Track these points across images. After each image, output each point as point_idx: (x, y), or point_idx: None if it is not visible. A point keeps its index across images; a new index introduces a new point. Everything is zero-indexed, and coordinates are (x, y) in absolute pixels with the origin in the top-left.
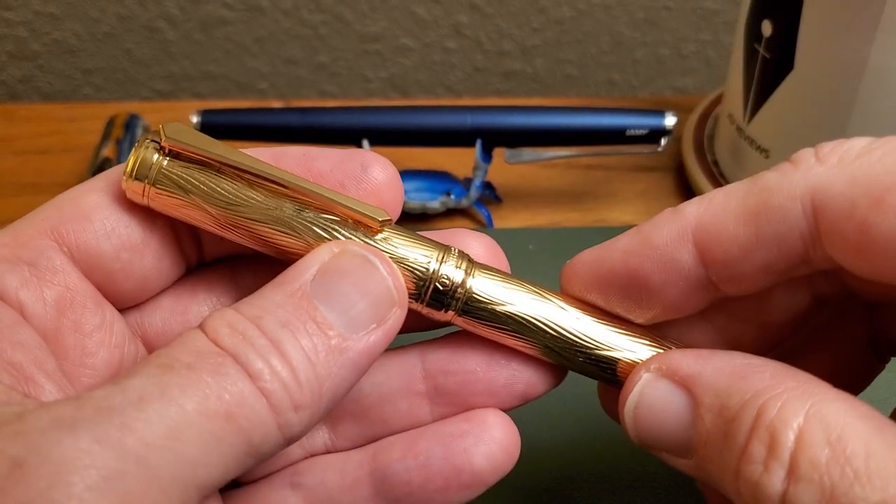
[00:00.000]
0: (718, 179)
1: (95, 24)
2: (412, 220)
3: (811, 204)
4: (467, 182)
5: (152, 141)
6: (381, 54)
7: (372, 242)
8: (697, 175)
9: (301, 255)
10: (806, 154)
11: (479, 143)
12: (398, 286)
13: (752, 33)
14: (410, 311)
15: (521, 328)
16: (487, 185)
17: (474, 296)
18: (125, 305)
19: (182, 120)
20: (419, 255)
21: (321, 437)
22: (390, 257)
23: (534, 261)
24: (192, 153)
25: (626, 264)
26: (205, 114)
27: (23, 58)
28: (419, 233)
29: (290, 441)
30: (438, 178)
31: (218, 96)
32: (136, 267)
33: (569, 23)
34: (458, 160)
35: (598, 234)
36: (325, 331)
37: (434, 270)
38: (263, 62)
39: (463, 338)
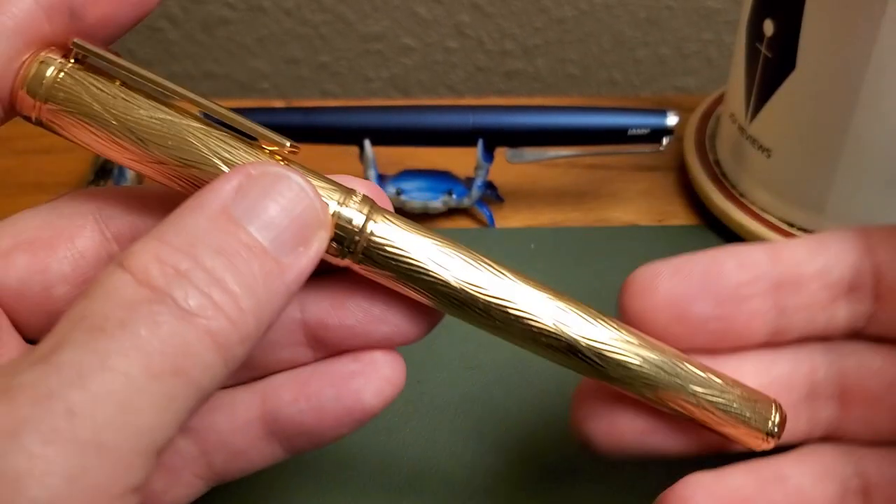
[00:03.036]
0: (720, 179)
1: None
2: (414, 220)
3: None
4: (469, 181)
5: (49, 56)
6: (382, 54)
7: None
8: (699, 174)
9: (204, 182)
10: None
11: (480, 142)
12: (323, 208)
13: (754, 33)
14: None
15: (423, 278)
16: (489, 185)
17: (374, 242)
18: None
19: None
20: (320, 194)
21: None
22: None
23: (535, 260)
24: (100, 59)
25: None
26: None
27: None
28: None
29: (230, 374)
30: (440, 177)
31: (220, 96)
32: None
33: (570, 22)
34: (460, 160)
35: (599, 234)
36: (259, 255)
37: (334, 212)
38: (265, 62)
39: (342, 287)
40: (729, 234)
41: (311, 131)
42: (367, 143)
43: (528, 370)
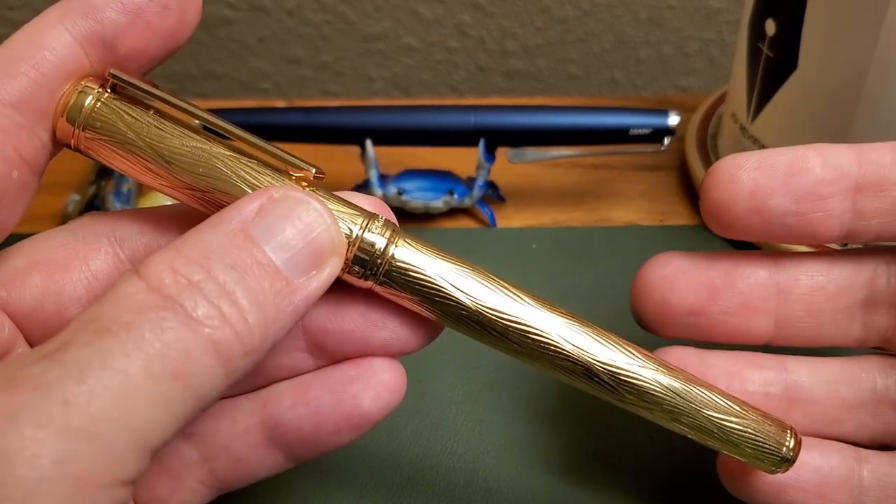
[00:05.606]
0: None
1: None
2: (415, 220)
3: None
4: (470, 181)
5: (87, 86)
6: (384, 54)
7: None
8: (701, 174)
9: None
10: None
11: (482, 142)
12: (338, 235)
13: (756, 32)
14: None
15: (441, 301)
16: (491, 185)
17: (395, 266)
18: None
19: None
20: (344, 218)
21: None
22: None
23: (537, 260)
24: (135, 89)
25: None
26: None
27: None
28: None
29: (231, 386)
30: (441, 177)
31: (221, 96)
32: None
33: (572, 22)
34: (462, 159)
35: (601, 234)
36: (271, 274)
37: (357, 236)
38: (267, 62)
39: (340, 295)
40: None
41: (313, 131)
42: (368, 142)
43: (530, 371)
